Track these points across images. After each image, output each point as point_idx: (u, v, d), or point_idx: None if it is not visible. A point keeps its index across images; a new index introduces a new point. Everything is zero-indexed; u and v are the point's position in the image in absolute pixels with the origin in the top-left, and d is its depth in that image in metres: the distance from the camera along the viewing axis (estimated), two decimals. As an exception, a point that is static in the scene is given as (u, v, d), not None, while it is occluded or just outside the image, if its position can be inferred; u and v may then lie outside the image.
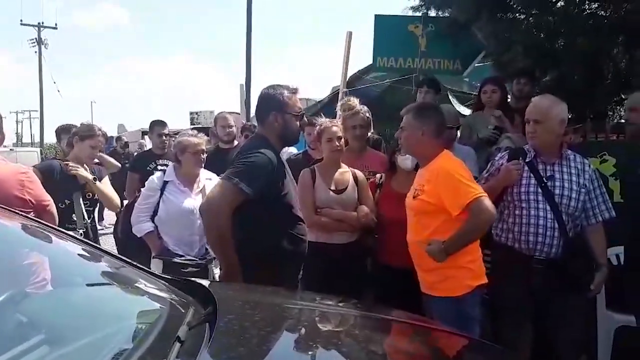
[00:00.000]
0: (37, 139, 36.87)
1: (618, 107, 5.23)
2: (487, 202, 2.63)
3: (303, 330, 1.85)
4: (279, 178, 2.62)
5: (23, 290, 1.86)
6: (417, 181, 2.89)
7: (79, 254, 2.19)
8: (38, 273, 1.99)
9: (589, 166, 2.99)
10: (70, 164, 3.55)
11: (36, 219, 2.32)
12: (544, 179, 2.93)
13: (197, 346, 1.54)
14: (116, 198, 3.86)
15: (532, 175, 2.96)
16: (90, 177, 3.61)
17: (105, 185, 3.81)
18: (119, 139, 11.99)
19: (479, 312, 2.78)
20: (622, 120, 5.48)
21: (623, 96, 4.88)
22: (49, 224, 2.34)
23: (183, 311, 1.81)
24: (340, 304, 2.22)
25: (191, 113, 19.69)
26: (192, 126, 15.77)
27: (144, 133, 15.10)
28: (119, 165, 5.36)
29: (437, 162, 2.78)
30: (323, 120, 3.47)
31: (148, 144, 12.85)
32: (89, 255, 2.19)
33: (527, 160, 2.99)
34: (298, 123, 2.75)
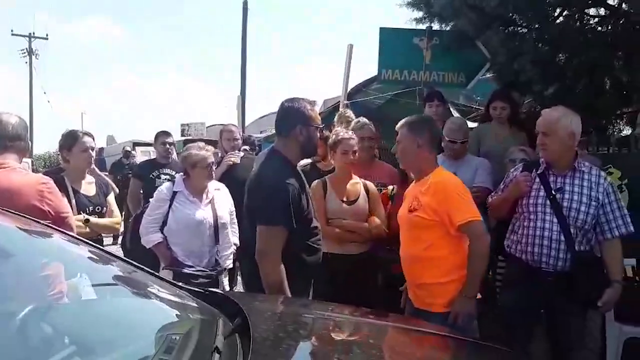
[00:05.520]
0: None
1: (618, 121, 5.30)
2: (479, 226, 2.62)
3: (339, 341, 1.84)
4: (303, 200, 2.66)
5: (47, 302, 1.83)
6: (411, 194, 2.86)
7: (101, 264, 2.16)
8: (55, 285, 1.95)
9: (605, 179, 2.92)
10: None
11: (56, 227, 2.27)
12: (553, 191, 2.91)
13: (233, 357, 1.52)
14: (116, 225, 3.78)
15: (542, 187, 2.95)
16: (82, 218, 3.43)
17: (111, 206, 3.72)
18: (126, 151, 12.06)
19: (475, 325, 2.75)
20: (623, 134, 5.59)
21: (624, 110, 4.97)
22: (68, 233, 2.30)
23: (213, 322, 1.79)
24: (356, 314, 2.22)
25: (182, 125, 19.60)
26: (183, 138, 15.72)
27: (135, 144, 15.06)
28: (117, 191, 5.22)
29: (435, 177, 2.76)
30: (339, 131, 3.49)
31: (139, 155, 12.91)
32: (111, 265, 2.16)
33: (539, 172, 2.99)
34: (318, 135, 2.78)
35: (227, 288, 3.53)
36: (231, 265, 3.61)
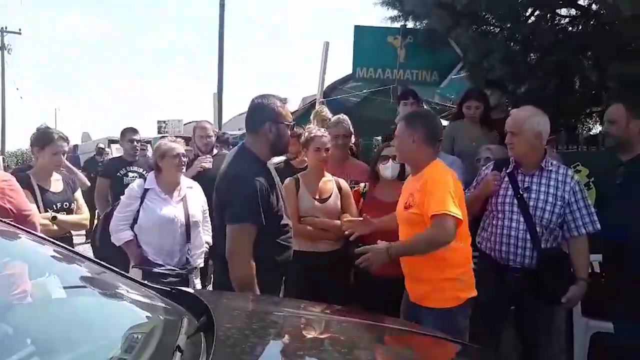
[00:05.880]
0: (-2, 147, 35.36)
1: (587, 120, 5.40)
2: (450, 223, 2.51)
3: (307, 339, 1.84)
4: (273, 197, 2.64)
5: (7, 301, 1.79)
6: (407, 190, 2.83)
7: (64, 263, 2.12)
8: (18, 284, 1.91)
9: (572, 178, 2.95)
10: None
11: (19, 226, 2.22)
12: (521, 190, 2.96)
13: (196, 356, 1.51)
14: (84, 221, 3.74)
15: (510, 186, 3.00)
16: (50, 216, 3.38)
17: (79, 203, 3.67)
18: (99, 148, 11.96)
19: (467, 324, 2.75)
20: (592, 133, 5.70)
21: (593, 109, 5.06)
22: (32, 232, 2.26)
23: (177, 320, 1.77)
24: (327, 311, 2.22)
25: (159, 122, 19.31)
26: (160, 135, 15.52)
27: (110, 141, 14.86)
28: (88, 183, 5.20)
29: (428, 172, 2.71)
30: (312, 128, 3.48)
31: (114, 152, 12.75)
32: (75, 264, 2.12)
33: (508, 171, 3.03)
34: (289, 133, 2.76)
35: (199, 287, 3.50)
36: (202, 264, 3.58)
